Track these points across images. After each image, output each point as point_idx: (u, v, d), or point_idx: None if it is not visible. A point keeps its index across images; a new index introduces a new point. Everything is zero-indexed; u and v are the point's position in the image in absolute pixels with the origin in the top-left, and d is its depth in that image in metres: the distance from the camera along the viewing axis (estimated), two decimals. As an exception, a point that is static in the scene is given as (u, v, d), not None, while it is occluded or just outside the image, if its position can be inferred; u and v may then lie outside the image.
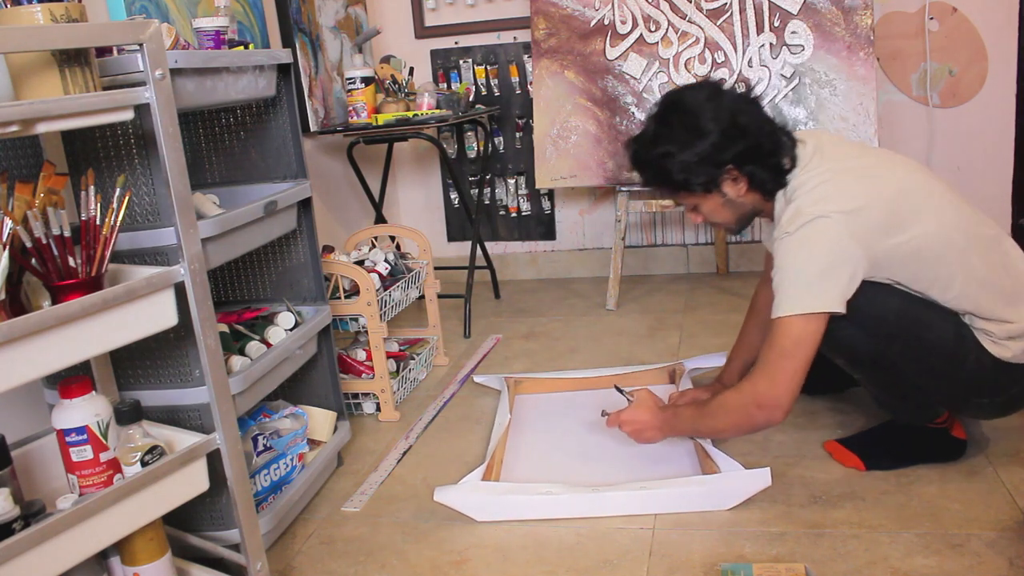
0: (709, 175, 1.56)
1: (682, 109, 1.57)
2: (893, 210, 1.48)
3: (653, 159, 1.58)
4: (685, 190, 1.59)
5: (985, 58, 2.97)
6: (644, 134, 1.61)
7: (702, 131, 1.53)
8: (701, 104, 1.55)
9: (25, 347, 1.01)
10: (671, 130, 1.56)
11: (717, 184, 1.57)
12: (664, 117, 1.59)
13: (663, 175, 1.59)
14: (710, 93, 1.57)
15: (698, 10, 2.75)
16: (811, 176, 1.52)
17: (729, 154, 1.53)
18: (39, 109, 1.04)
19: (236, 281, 1.91)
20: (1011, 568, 1.35)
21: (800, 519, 1.54)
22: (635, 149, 1.64)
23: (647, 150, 1.59)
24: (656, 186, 1.64)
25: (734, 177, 1.56)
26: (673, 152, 1.54)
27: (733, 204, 1.61)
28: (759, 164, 1.55)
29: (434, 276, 2.51)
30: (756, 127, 1.55)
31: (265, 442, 1.63)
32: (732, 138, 1.53)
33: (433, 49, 3.35)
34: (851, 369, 1.67)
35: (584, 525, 1.59)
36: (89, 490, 1.20)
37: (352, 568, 1.54)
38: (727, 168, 1.55)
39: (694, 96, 1.57)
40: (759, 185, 1.57)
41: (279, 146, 1.77)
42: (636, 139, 1.64)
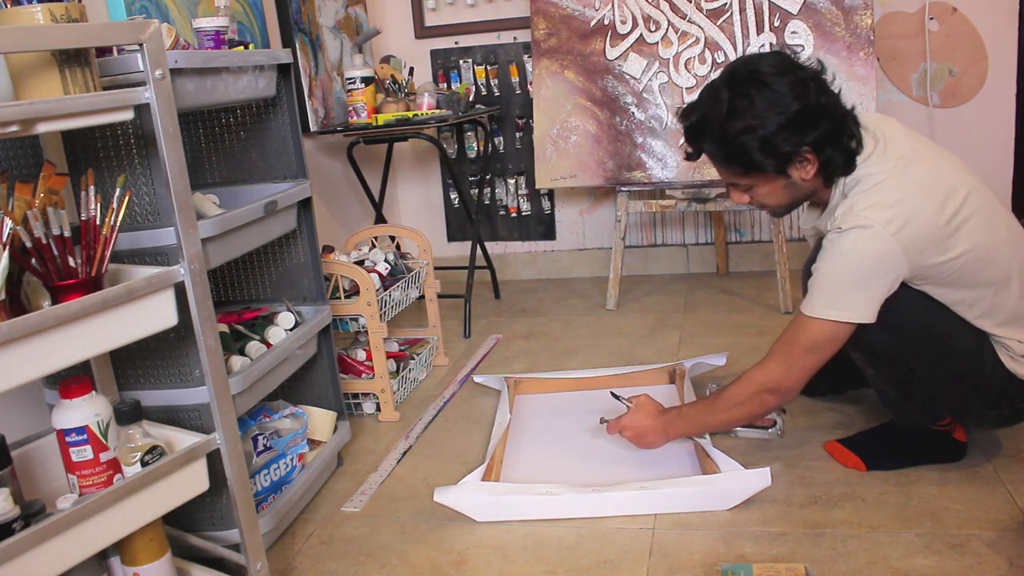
0: (786, 155, 1.46)
1: (760, 81, 1.44)
2: (948, 224, 1.44)
3: (731, 133, 1.45)
4: (756, 169, 1.49)
5: (985, 58, 2.97)
6: (717, 104, 1.46)
7: (785, 107, 1.42)
8: (780, 77, 1.44)
9: (25, 347, 1.01)
10: (751, 103, 1.43)
11: (788, 165, 1.48)
12: (740, 89, 1.45)
13: (738, 152, 1.47)
14: (787, 65, 1.46)
15: (698, 10, 2.75)
16: (872, 171, 1.46)
17: (810, 136, 1.44)
18: (39, 109, 1.04)
19: (236, 281, 1.91)
20: (1011, 568, 1.34)
21: (800, 519, 1.54)
22: (700, 120, 1.50)
23: (723, 123, 1.45)
24: (721, 160, 1.52)
25: (807, 159, 1.47)
26: (755, 127, 1.43)
27: (794, 187, 1.53)
28: (836, 148, 1.46)
29: (434, 276, 2.51)
30: (834, 108, 1.47)
31: (265, 442, 1.63)
32: (814, 117, 1.43)
33: (433, 49, 3.35)
34: (865, 364, 1.64)
35: (584, 525, 1.59)
36: (89, 490, 1.20)
37: (352, 568, 1.54)
38: (804, 149, 1.46)
39: (772, 67, 1.45)
40: (829, 170, 1.49)
41: (279, 146, 1.77)
42: (700, 108, 1.51)
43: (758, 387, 1.56)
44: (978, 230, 1.46)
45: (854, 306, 1.46)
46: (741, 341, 2.49)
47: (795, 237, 3.25)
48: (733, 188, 1.59)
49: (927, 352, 1.53)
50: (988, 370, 1.52)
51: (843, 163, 1.48)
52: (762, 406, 1.59)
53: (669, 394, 2.14)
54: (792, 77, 1.44)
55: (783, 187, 1.53)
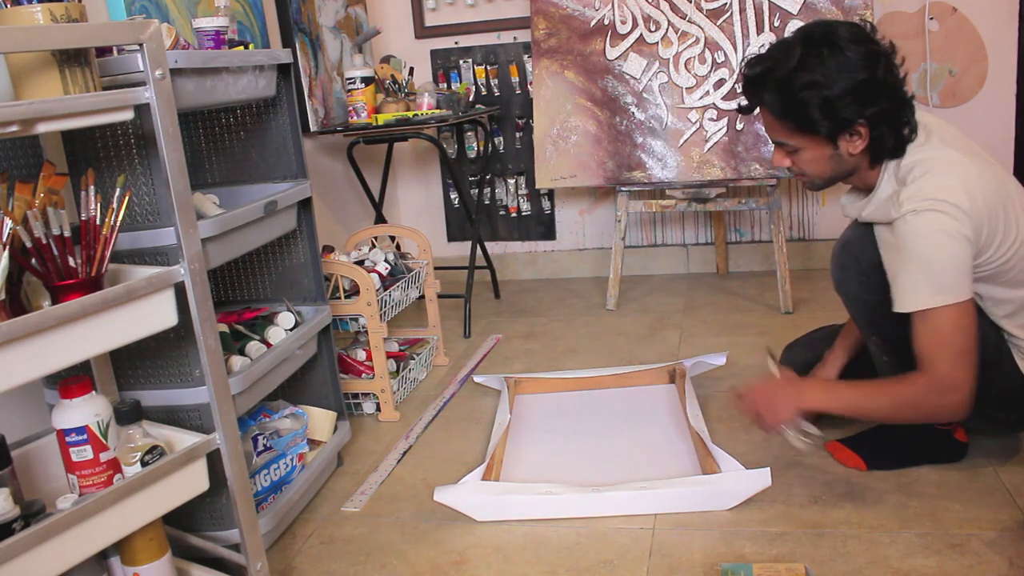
0: (843, 121, 1.44)
1: (834, 44, 1.42)
2: (1006, 213, 1.44)
3: (796, 86, 1.42)
4: (810, 129, 1.46)
5: (985, 58, 2.97)
6: (788, 57, 1.44)
7: (853, 73, 1.40)
8: (855, 45, 1.42)
9: (25, 347, 1.01)
10: (821, 62, 1.41)
11: (840, 134, 1.46)
12: (813, 47, 1.43)
13: (797, 106, 1.44)
14: (863, 36, 1.44)
15: (698, 10, 2.75)
16: (931, 156, 1.45)
17: (870, 109, 1.42)
18: (39, 109, 1.04)
19: (236, 281, 1.91)
20: (1011, 568, 1.34)
21: (800, 519, 1.54)
22: (767, 69, 1.47)
23: (790, 73, 1.43)
24: (777, 113, 1.49)
25: (859, 133, 1.45)
26: (821, 84, 1.41)
27: (839, 160, 1.50)
28: (890, 128, 1.45)
29: (434, 276, 2.51)
30: (897, 89, 1.45)
31: (265, 442, 1.63)
32: (877, 93, 1.42)
33: (433, 49, 3.35)
34: (881, 351, 1.62)
35: (584, 525, 1.59)
36: (89, 490, 1.20)
37: (352, 568, 1.54)
38: (859, 121, 1.44)
39: (846, 32, 1.43)
40: (879, 148, 1.47)
41: (279, 146, 1.77)
42: (768, 59, 1.48)
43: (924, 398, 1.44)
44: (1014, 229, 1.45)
45: (958, 284, 1.40)
46: (741, 341, 2.49)
47: (795, 237, 3.25)
48: (778, 148, 1.56)
49: None
50: (1003, 371, 1.52)
51: (893, 146, 1.47)
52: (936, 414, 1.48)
53: (669, 394, 2.14)
54: (866, 48, 1.43)
55: (828, 157, 1.50)
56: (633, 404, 2.11)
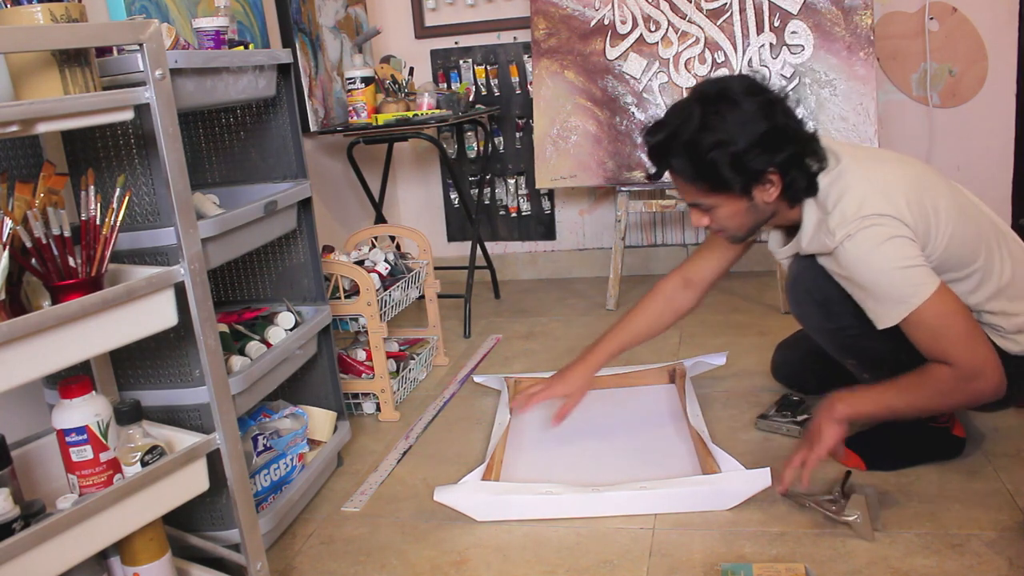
0: (754, 174, 1.45)
1: (731, 99, 1.44)
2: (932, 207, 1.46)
3: (702, 147, 1.43)
4: (723, 187, 1.47)
5: (985, 58, 2.97)
6: (688, 120, 1.45)
7: (755, 126, 1.42)
8: (750, 97, 1.44)
9: (25, 347, 1.01)
10: (722, 120, 1.43)
11: (754, 186, 1.48)
12: (711, 106, 1.44)
13: (707, 167, 1.45)
14: (755, 87, 1.47)
15: (698, 10, 2.75)
16: (842, 178, 1.47)
17: (778, 156, 1.44)
18: (39, 109, 1.04)
19: (236, 281, 1.91)
20: (1011, 568, 1.34)
21: (800, 519, 1.54)
22: (670, 135, 1.47)
23: (695, 137, 1.44)
24: (688, 177, 1.49)
25: (771, 181, 1.47)
26: (726, 142, 1.42)
27: (756, 210, 1.53)
28: (800, 170, 1.47)
29: (434, 276, 2.51)
30: (799, 132, 1.48)
31: (265, 442, 1.63)
32: (781, 139, 1.44)
33: (433, 49, 3.35)
34: (859, 370, 1.65)
35: (584, 525, 1.59)
36: (89, 490, 1.20)
37: (352, 568, 1.54)
38: (770, 170, 1.45)
39: (739, 87, 1.46)
40: (792, 192, 1.49)
41: (279, 146, 1.77)
42: (669, 124, 1.49)
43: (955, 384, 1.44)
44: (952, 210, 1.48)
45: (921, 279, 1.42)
46: (741, 341, 2.49)
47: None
48: (694, 209, 1.56)
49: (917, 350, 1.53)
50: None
51: (806, 186, 1.49)
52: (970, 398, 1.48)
53: (669, 394, 2.14)
54: (761, 99, 1.45)
55: (745, 209, 1.52)
56: (633, 404, 2.11)
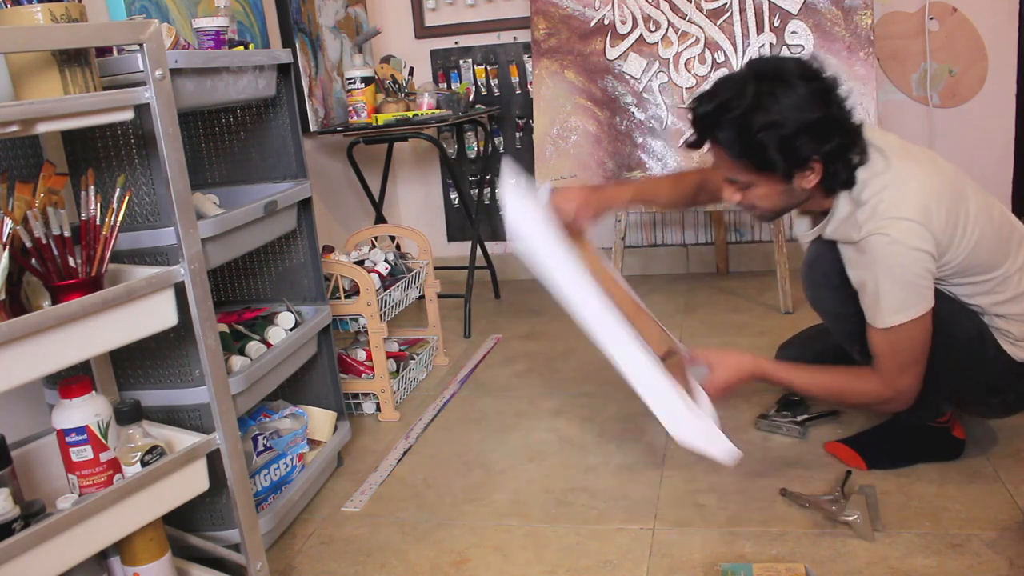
0: (799, 160, 1.43)
1: (785, 81, 1.41)
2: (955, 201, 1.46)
3: (753, 127, 1.41)
4: (765, 169, 1.45)
5: (985, 58, 2.97)
6: (742, 96, 1.42)
7: (809, 111, 1.40)
8: (806, 82, 1.42)
9: (25, 347, 1.01)
10: (776, 101, 1.40)
11: (796, 171, 1.46)
12: (765, 84, 1.42)
13: (755, 147, 1.43)
14: (812, 72, 1.44)
15: (698, 10, 2.75)
16: (882, 176, 1.46)
17: (826, 146, 1.42)
18: (39, 109, 1.04)
19: (236, 281, 1.91)
20: (1011, 568, 1.34)
21: (800, 519, 1.54)
22: (719, 107, 1.45)
23: (747, 115, 1.41)
24: (734, 153, 1.47)
25: (813, 169, 1.45)
26: (778, 124, 1.39)
27: (791, 194, 1.51)
28: (843, 163, 1.46)
29: (434, 276, 2.51)
30: (847, 123, 1.46)
31: (265, 442, 1.63)
32: (831, 129, 1.42)
33: (433, 49, 3.35)
34: (865, 359, 1.61)
35: (584, 525, 1.59)
36: (89, 490, 1.20)
37: (352, 568, 1.54)
38: (814, 158, 1.44)
39: (798, 70, 1.43)
40: (831, 182, 1.48)
41: (279, 146, 1.77)
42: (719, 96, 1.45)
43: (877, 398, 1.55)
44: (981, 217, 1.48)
45: (919, 302, 1.45)
46: (741, 341, 2.49)
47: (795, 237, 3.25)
48: (729, 184, 1.55)
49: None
50: (990, 357, 1.53)
51: (847, 178, 1.48)
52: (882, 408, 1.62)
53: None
54: (817, 85, 1.43)
55: (781, 192, 1.50)
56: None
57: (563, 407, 2.16)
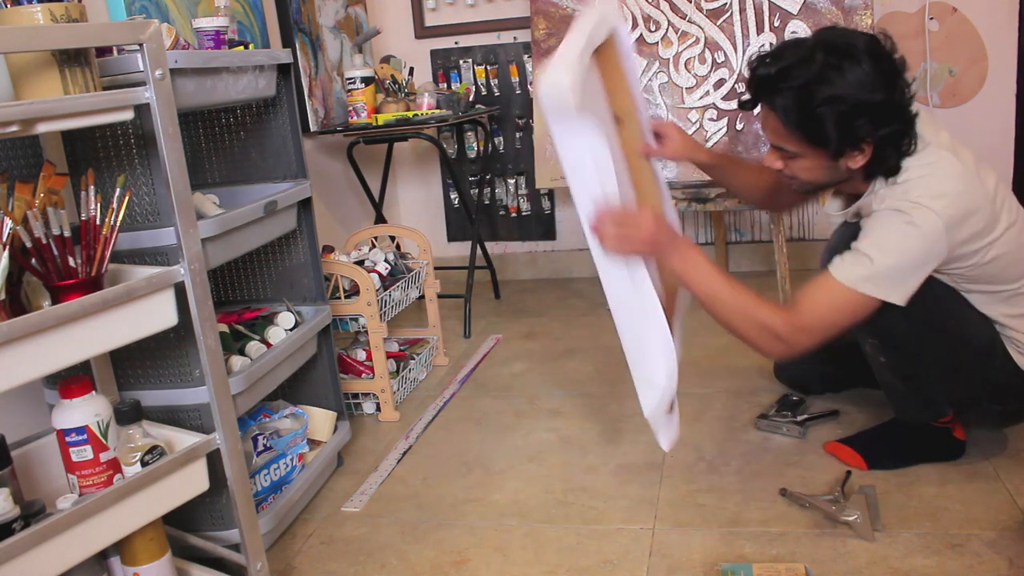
0: (853, 139, 1.40)
1: (854, 57, 1.37)
2: (987, 216, 1.43)
3: (815, 98, 1.37)
4: (818, 143, 1.42)
5: (985, 58, 2.97)
6: (808, 63, 1.38)
7: (873, 92, 1.36)
8: (875, 62, 1.37)
9: (25, 347, 1.01)
10: (842, 76, 1.36)
11: (847, 149, 1.42)
12: (833, 56, 1.37)
13: (812, 119, 1.39)
14: (881, 53, 1.39)
15: (698, 10, 2.74)
16: (927, 166, 1.43)
17: (883, 129, 1.39)
18: (39, 109, 1.04)
19: (236, 281, 1.91)
20: (1011, 568, 1.34)
21: (800, 519, 1.54)
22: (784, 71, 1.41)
23: (811, 84, 1.37)
24: (790, 121, 1.43)
25: (863, 151, 1.42)
26: (841, 99, 1.36)
27: (835, 171, 1.48)
28: (895, 150, 1.42)
29: (434, 276, 2.51)
30: (907, 109, 1.42)
31: (265, 442, 1.63)
32: (891, 113, 1.39)
33: (433, 49, 3.35)
34: (878, 352, 1.62)
35: (584, 525, 1.59)
36: (89, 490, 1.20)
37: (352, 568, 1.53)
38: (867, 140, 1.40)
39: (866, 46, 1.38)
40: (877, 167, 1.45)
41: (279, 146, 1.77)
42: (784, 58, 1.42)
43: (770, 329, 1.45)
44: (1012, 231, 1.46)
45: (896, 289, 1.41)
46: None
47: (795, 237, 3.25)
48: (775, 151, 1.51)
49: (942, 342, 1.53)
50: (998, 363, 1.53)
51: (893, 165, 1.44)
52: (759, 344, 1.48)
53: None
54: (885, 66, 1.40)
55: (825, 168, 1.47)
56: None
57: (563, 407, 2.16)
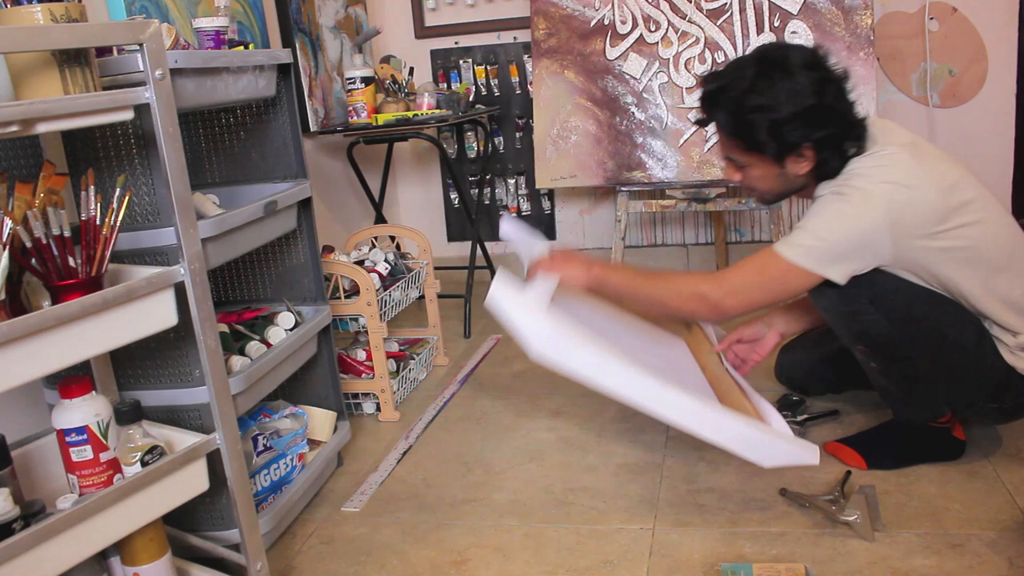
0: (788, 145, 1.50)
1: (786, 69, 1.48)
2: (942, 204, 1.46)
3: (745, 108, 1.49)
4: (757, 150, 1.53)
5: (985, 58, 2.97)
6: (740, 78, 1.51)
7: (803, 98, 1.46)
8: (805, 69, 1.48)
9: (25, 347, 1.01)
10: (772, 85, 1.48)
11: (787, 156, 1.52)
12: (765, 70, 1.49)
13: (746, 127, 1.51)
14: (815, 61, 1.50)
15: (698, 10, 2.74)
16: (868, 163, 1.50)
17: (816, 133, 1.48)
18: (39, 109, 1.04)
19: (236, 281, 1.91)
20: (1011, 568, 1.35)
21: (800, 519, 1.54)
22: (720, 88, 1.54)
23: (740, 96, 1.49)
24: (727, 131, 1.56)
25: (804, 156, 1.51)
26: (770, 107, 1.47)
27: (785, 178, 1.57)
28: (835, 152, 1.51)
29: (434, 276, 2.51)
30: (845, 114, 1.51)
31: (265, 442, 1.63)
32: (824, 118, 1.48)
33: (433, 49, 3.35)
34: (868, 358, 1.64)
35: (584, 525, 1.59)
36: (89, 490, 1.20)
37: (352, 568, 1.54)
38: (805, 145, 1.50)
39: (799, 58, 1.50)
40: (823, 170, 1.53)
41: (279, 146, 1.77)
42: (723, 77, 1.54)
43: (698, 292, 1.56)
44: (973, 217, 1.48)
45: (833, 265, 1.48)
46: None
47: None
48: (729, 163, 1.62)
49: (929, 344, 1.54)
50: (988, 363, 1.53)
51: (838, 166, 1.52)
52: (691, 311, 1.62)
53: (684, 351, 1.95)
54: (817, 74, 1.48)
55: (776, 175, 1.57)
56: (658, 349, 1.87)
57: (563, 407, 2.16)
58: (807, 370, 2.01)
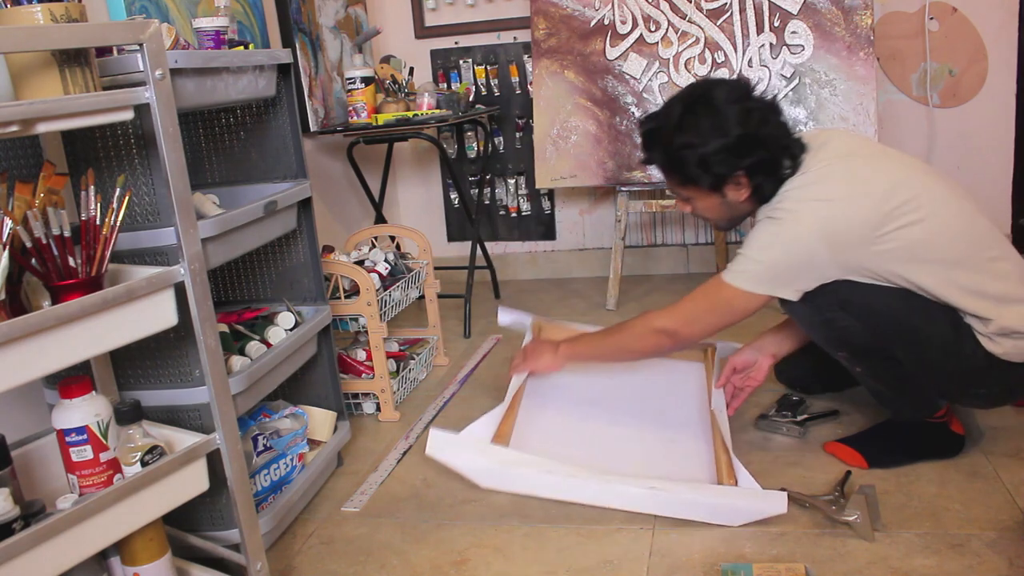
0: (719, 176, 1.58)
1: (710, 103, 1.56)
2: (885, 216, 1.48)
3: (673, 145, 1.59)
4: (692, 183, 1.61)
5: (985, 58, 2.97)
6: (669, 117, 1.60)
7: (726, 131, 1.54)
8: (729, 103, 1.55)
9: (25, 347, 1.01)
10: (697, 121, 1.56)
11: (722, 185, 1.60)
12: (692, 106, 1.58)
13: (677, 163, 1.60)
14: (740, 94, 1.58)
15: (698, 10, 2.75)
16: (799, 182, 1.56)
17: (745, 161, 1.55)
18: (39, 109, 1.04)
19: (236, 281, 1.91)
20: (1011, 568, 1.35)
21: (800, 519, 1.54)
22: (653, 129, 1.64)
23: (669, 135, 1.59)
24: (663, 170, 1.66)
25: (740, 183, 1.59)
26: (695, 144, 1.55)
27: (729, 206, 1.65)
28: (769, 177, 1.58)
29: (434, 276, 2.51)
30: (774, 139, 1.57)
31: (265, 442, 1.63)
32: (751, 146, 1.55)
33: (433, 49, 3.35)
34: (852, 363, 1.67)
35: (584, 525, 1.59)
36: (89, 490, 1.20)
37: (352, 568, 1.54)
38: (737, 173, 1.57)
39: (724, 93, 1.57)
40: (760, 195, 1.60)
41: (279, 146, 1.77)
42: (656, 119, 1.64)
43: (655, 328, 1.68)
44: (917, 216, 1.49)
45: (774, 283, 1.56)
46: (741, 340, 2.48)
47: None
48: (677, 196, 1.71)
49: (906, 341, 1.55)
50: (969, 352, 1.53)
51: (774, 189, 1.58)
52: (655, 346, 1.71)
53: (698, 376, 2.10)
54: (741, 106, 1.55)
55: (719, 204, 1.64)
56: (661, 382, 2.07)
57: (563, 407, 2.16)
58: (807, 370, 2.02)
